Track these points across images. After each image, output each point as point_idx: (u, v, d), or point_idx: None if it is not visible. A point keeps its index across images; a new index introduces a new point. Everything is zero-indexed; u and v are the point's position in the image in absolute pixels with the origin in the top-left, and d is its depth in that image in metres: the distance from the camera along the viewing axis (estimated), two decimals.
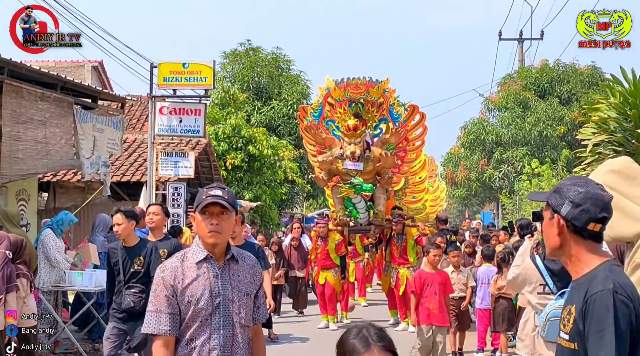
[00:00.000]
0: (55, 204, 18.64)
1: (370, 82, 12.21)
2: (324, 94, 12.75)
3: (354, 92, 12.17)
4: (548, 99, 34.04)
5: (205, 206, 3.74)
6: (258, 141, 24.27)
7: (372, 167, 12.35)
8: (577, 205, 2.79)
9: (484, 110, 37.27)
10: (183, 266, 3.76)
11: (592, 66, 34.84)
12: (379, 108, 12.74)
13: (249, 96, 30.34)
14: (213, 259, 3.80)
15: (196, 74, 17.46)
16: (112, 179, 18.07)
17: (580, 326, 2.69)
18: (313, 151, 13.45)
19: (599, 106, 13.07)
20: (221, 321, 3.71)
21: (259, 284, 3.96)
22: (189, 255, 3.83)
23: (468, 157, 35.38)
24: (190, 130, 17.92)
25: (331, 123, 12.99)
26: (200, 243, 3.83)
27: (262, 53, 32.49)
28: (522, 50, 37.32)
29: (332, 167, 12.40)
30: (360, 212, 12.90)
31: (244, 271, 3.87)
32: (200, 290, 3.70)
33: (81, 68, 27.26)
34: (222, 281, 3.76)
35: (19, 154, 11.19)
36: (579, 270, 2.83)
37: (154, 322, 3.68)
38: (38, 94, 11.75)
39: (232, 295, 3.76)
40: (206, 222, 3.75)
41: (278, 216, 26.68)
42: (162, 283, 3.71)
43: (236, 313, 3.75)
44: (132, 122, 23.73)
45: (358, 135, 12.07)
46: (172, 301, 3.68)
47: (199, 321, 3.68)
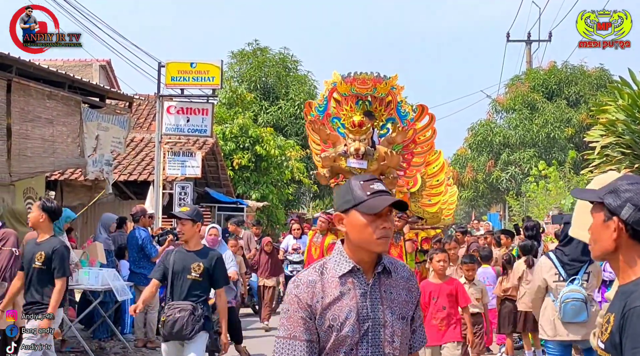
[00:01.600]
0: (62, 203, 18.66)
1: (378, 78, 11.67)
2: (329, 89, 12.18)
3: (361, 87, 11.60)
4: (556, 100, 34.01)
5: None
6: (265, 140, 24.29)
7: (376, 166, 11.64)
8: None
9: (492, 111, 37.27)
10: (323, 281, 3.03)
11: (600, 68, 34.83)
12: (387, 107, 12.18)
13: (257, 95, 30.38)
14: (360, 273, 3.05)
15: (204, 73, 17.50)
16: (119, 178, 18.11)
17: (617, 338, 2.56)
18: (317, 149, 12.77)
19: (607, 108, 13.03)
20: (369, 351, 2.98)
21: (415, 303, 3.19)
22: (329, 266, 3.08)
23: (475, 158, 35.36)
24: (197, 129, 17.96)
25: (337, 120, 12.34)
26: (345, 251, 3.08)
27: (270, 53, 32.55)
28: (530, 51, 37.30)
29: (335, 164, 11.66)
30: None
31: (398, 287, 3.12)
32: (345, 312, 2.97)
33: (89, 67, 27.32)
34: (371, 301, 3.02)
35: (28, 152, 11.22)
36: (627, 277, 2.66)
37: (288, 351, 2.97)
38: (46, 92, 11.78)
39: (384, 319, 3.02)
40: (375, 225, 3.00)
41: (285, 216, 26.69)
42: (297, 302, 2.99)
43: (389, 342, 3.02)
44: (140, 122, 23.78)
45: (363, 132, 11.41)
46: (309, 326, 2.97)
47: (342, 352, 2.97)
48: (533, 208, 24.82)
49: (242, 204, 22.43)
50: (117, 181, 17.66)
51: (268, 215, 25.14)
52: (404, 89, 11.94)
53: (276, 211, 25.79)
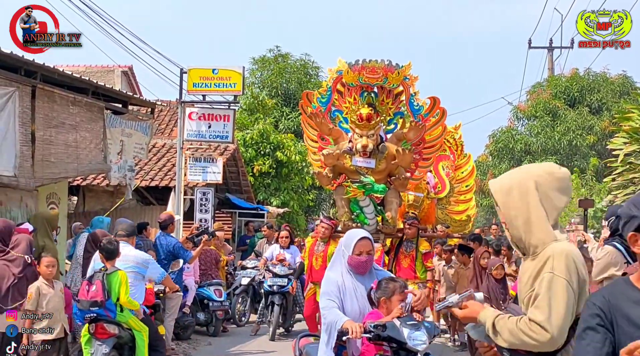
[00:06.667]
0: (84, 208, 18.80)
1: (390, 67, 10.32)
2: (334, 78, 10.77)
3: (370, 77, 10.33)
4: (578, 108, 33.81)
5: None
6: (286, 146, 24.33)
7: (385, 166, 10.43)
8: None
9: (513, 118, 37.10)
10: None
11: (623, 75, 34.59)
12: (395, 99, 10.78)
13: (278, 101, 30.46)
14: None
15: (225, 79, 17.56)
16: (140, 184, 18.20)
17: None
18: (314, 147, 11.41)
19: (631, 115, 12.96)
20: None
21: None
22: None
23: (496, 165, 35.19)
24: (218, 136, 18.02)
25: (338, 114, 11.10)
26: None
27: (291, 59, 32.66)
28: (552, 58, 37.08)
29: (339, 163, 10.44)
30: (368, 217, 10.62)
31: None
32: None
33: (111, 73, 27.49)
34: None
35: (51, 158, 11.31)
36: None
37: None
38: (70, 98, 11.87)
39: None
40: None
41: (305, 222, 26.71)
42: None
43: None
44: (161, 128, 23.89)
45: (372, 126, 10.22)
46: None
47: None
48: None
49: (262, 210, 22.48)
50: (138, 186, 17.75)
51: (288, 221, 25.16)
52: (418, 79, 10.63)
53: (297, 217, 25.81)
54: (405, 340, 4.89)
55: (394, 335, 4.89)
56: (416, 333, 4.95)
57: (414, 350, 4.92)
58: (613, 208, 9.00)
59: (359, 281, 5.46)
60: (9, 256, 7.90)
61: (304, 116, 11.32)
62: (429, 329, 5.05)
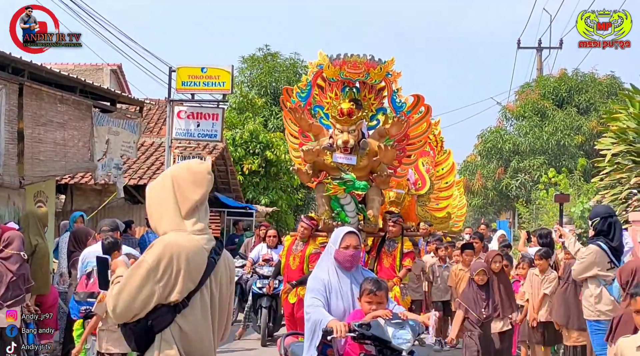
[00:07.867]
0: (72, 206, 18.73)
1: (372, 62, 10.04)
2: (314, 72, 10.43)
3: (351, 72, 10.01)
4: (566, 108, 33.91)
5: None
6: (275, 146, 24.31)
7: (366, 162, 10.13)
8: None
9: (502, 118, 37.19)
10: None
11: (611, 75, 34.73)
12: (378, 95, 10.48)
13: (267, 100, 30.42)
14: None
15: (214, 78, 17.55)
16: (129, 182, 18.15)
17: None
18: (295, 143, 11.15)
19: (618, 115, 13.03)
20: None
21: None
22: None
23: (485, 165, 35.28)
24: (207, 134, 18.00)
25: (319, 110, 10.77)
26: None
27: (280, 58, 32.61)
28: (540, 59, 37.25)
29: (319, 159, 10.11)
30: (349, 215, 10.23)
31: None
32: None
33: (100, 71, 27.40)
34: None
35: (40, 156, 11.28)
36: None
37: None
38: (57, 96, 11.84)
39: None
40: None
41: (294, 221, 26.71)
42: None
43: None
44: (150, 126, 23.83)
45: (353, 122, 9.89)
46: None
47: None
48: (543, 215, 24.72)
49: (251, 209, 22.45)
50: (126, 185, 17.70)
51: (277, 220, 25.14)
52: (400, 75, 10.27)
53: (285, 216, 25.80)
54: (390, 339, 4.90)
55: (379, 334, 4.90)
56: (401, 332, 4.96)
57: (399, 348, 4.92)
58: (597, 209, 9.00)
59: (346, 279, 5.46)
60: (3, 254, 7.89)
61: (285, 112, 10.98)
62: (413, 328, 5.06)
